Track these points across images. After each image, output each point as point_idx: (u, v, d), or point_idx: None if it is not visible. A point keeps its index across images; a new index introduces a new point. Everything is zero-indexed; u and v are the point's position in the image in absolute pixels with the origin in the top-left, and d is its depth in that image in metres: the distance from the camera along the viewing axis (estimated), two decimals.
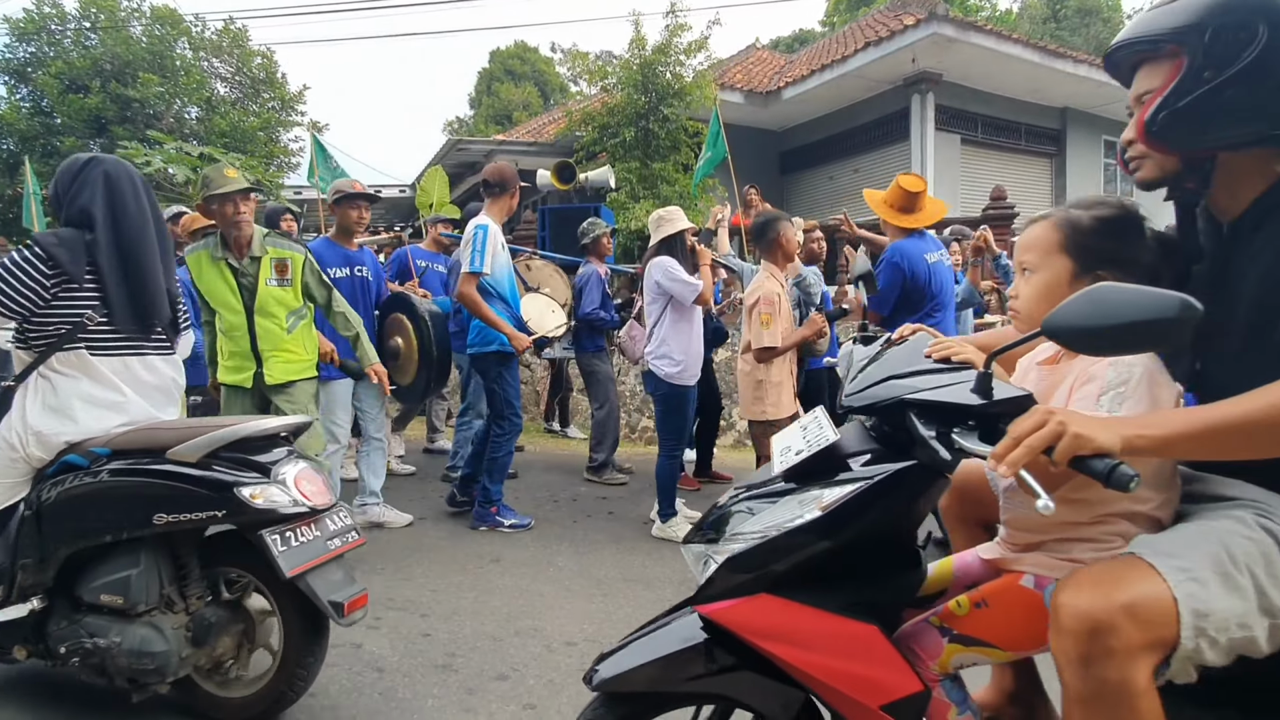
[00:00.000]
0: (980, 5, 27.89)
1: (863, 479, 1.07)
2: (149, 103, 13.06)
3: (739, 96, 11.70)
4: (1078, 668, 0.93)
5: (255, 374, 2.94)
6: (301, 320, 3.03)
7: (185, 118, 14.18)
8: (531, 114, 21.46)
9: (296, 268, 2.98)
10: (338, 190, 3.79)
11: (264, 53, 14.98)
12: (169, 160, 11.75)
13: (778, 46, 26.35)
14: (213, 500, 1.75)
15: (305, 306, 3.06)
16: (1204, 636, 0.91)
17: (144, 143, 12.01)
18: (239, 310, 2.91)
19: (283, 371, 2.96)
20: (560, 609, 2.76)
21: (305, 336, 3.07)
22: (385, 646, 2.44)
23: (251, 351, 2.93)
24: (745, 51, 15.57)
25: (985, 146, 11.88)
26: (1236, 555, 0.95)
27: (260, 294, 2.91)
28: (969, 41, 9.69)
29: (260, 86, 15.01)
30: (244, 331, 2.92)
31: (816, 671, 1.04)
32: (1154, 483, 1.07)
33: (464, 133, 31.42)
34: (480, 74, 33.29)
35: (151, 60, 13.31)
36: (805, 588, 1.07)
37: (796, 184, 13.82)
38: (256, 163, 13.57)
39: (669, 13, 8.60)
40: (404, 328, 3.71)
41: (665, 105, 8.39)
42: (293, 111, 15.38)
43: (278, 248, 2.95)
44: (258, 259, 2.90)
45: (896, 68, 10.47)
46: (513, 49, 32.13)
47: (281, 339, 2.95)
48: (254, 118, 14.40)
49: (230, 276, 2.90)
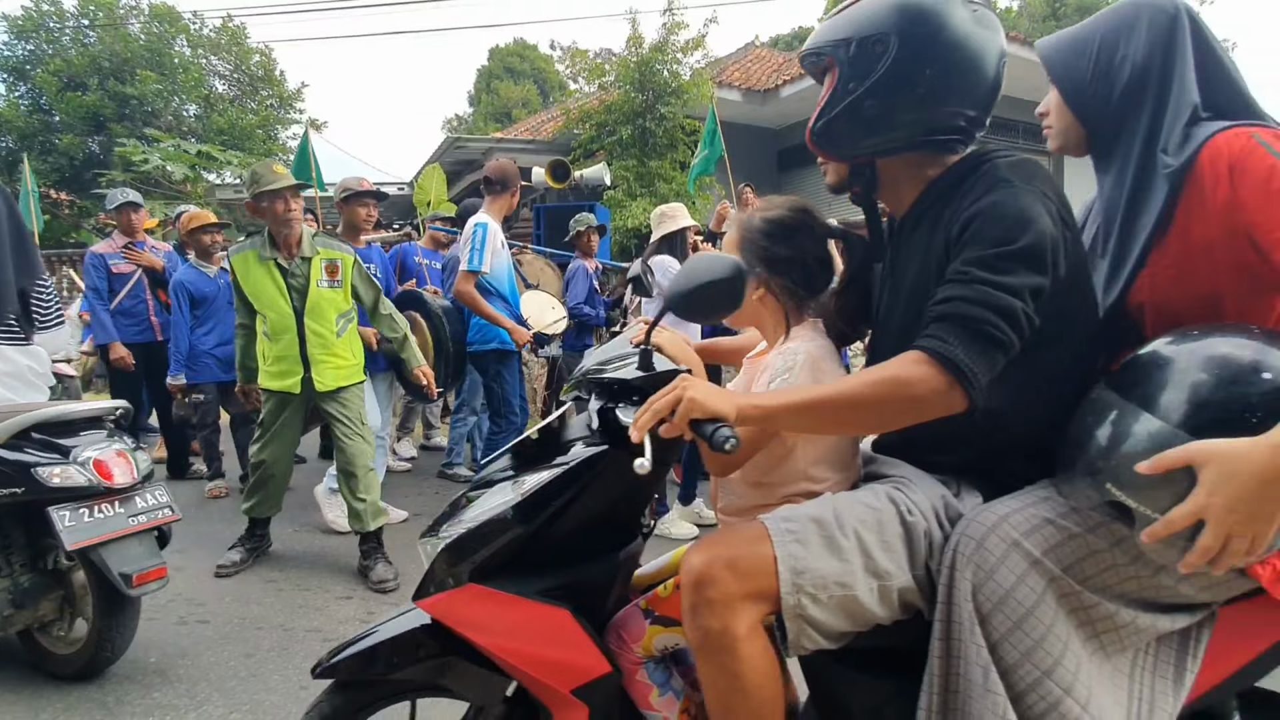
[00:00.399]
0: None
1: (560, 464, 1.09)
2: (147, 100, 13.07)
3: (737, 95, 11.69)
4: (689, 618, 1.01)
5: (303, 379, 2.85)
6: (349, 323, 2.97)
7: (184, 115, 14.20)
8: (531, 111, 21.46)
9: (347, 268, 2.92)
10: (346, 188, 3.73)
11: (262, 50, 15.01)
12: (167, 158, 11.78)
13: (777, 44, 26.32)
14: (13, 478, 1.99)
15: (352, 308, 3.00)
16: (803, 592, 0.98)
17: (141, 140, 12.03)
18: (288, 312, 2.82)
19: (333, 377, 2.88)
20: None
21: (353, 340, 3.01)
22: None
23: (300, 356, 2.83)
24: (744, 50, 15.56)
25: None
26: (845, 520, 1.03)
27: (311, 295, 2.83)
28: None
29: (259, 84, 15.02)
30: (293, 335, 2.82)
31: (513, 658, 1.06)
32: (830, 462, 1.17)
33: (463, 130, 31.40)
34: (480, 72, 33.29)
35: (150, 58, 13.32)
36: (509, 574, 1.09)
37: (794, 181, 13.82)
38: (255, 160, 13.62)
39: (666, 11, 8.61)
40: (418, 326, 3.65)
41: (662, 103, 8.40)
42: (291, 109, 15.40)
43: (328, 248, 2.90)
44: (308, 259, 2.83)
45: None
46: (512, 47, 32.14)
47: (331, 343, 2.88)
48: (252, 115, 14.42)
49: (279, 277, 2.82)
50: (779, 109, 12.34)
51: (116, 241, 4.43)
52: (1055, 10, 26.79)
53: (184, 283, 4.09)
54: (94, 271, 4.32)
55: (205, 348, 4.14)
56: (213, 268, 4.22)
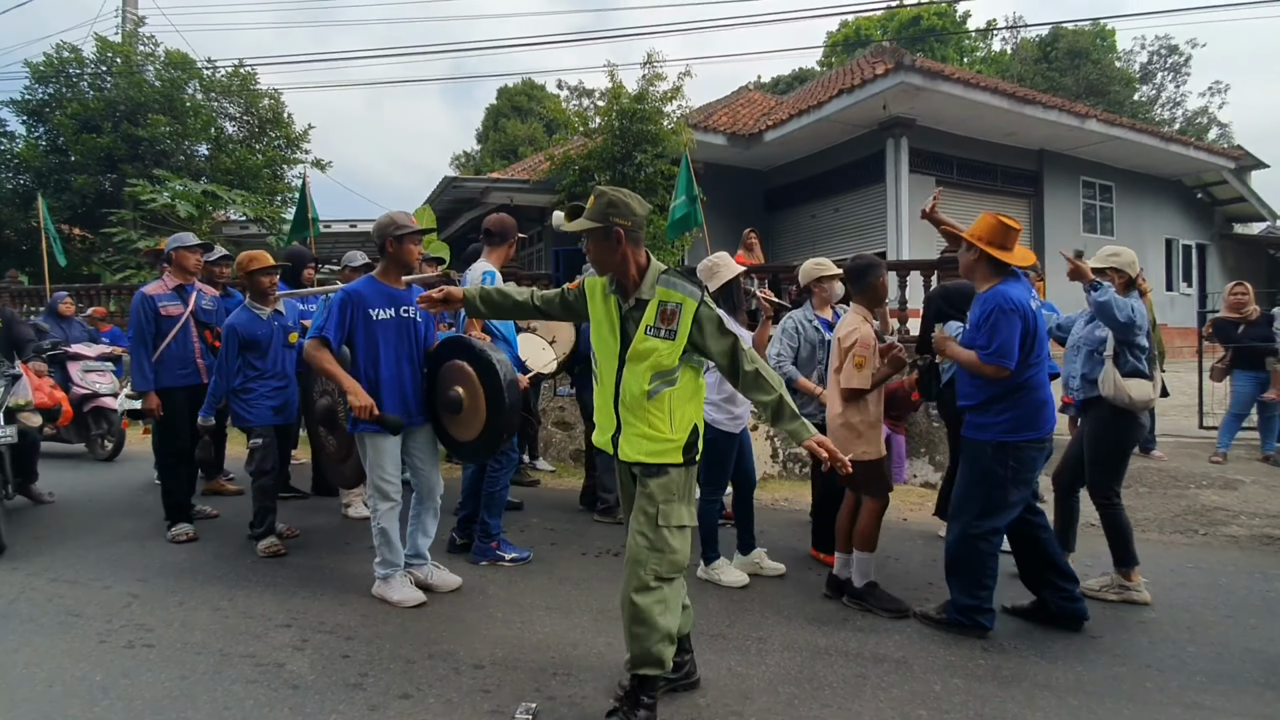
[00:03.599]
0: (975, 46, 28.70)
1: None
2: (158, 141, 13.64)
3: (721, 139, 12.14)
4: None
5: (614, 438, 2.33)
6: (670, 387, 2.25)
7: (193, 155, 14.77)
8: (537, 149, 22.10)
9: (687, 315, 2.23)
10: (400, 225, 3.27)
11: (272, 94, 15.64)
12: (175, 196, 12.28)
13: (777, 86, 27.16)
14: None
15: (683, 368, 2.27)
16: None
17: (151, 180, 12.55)
18: (614, 354, 2.31)
19: (633, 449, 2.28)
20: (478, 634, 2.96)
21: (679, 408, 2.28)
22: (305, 666, 2.65)
23: (614, 409, 2.32)
24: (737, 93, 16.09)
25: (961, 188, 12.22)
26: None
27: (635, 343, 2.25)
28: (937, 89, 10.09)
29: (267, 126, 15.63)
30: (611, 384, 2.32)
31: None
32: None
33: (470, 167, 32.23)
34: (488, 110, 34.30)
35: (163, 102, 13.94)
36: None
37: (781, 222, 14.20)
38: (260, 198, 14.11)
39: (645, 63, 9.06)
40: (466, 377, 3.25)
41: (639, 151, 8.78)
42: (298, 149, 15.98)
43: (668, 289, 2.26)
44: (645, 301, 2.26)
45: (870, 113, 10.88)
46: (520, 87, 33.10)
47: (641, 405, 2.25)
48: (259, 156, 14.99)
49: (615, 313, 2.31)
50: (764, 152, 12.77)
51: (168, 283, 4.35)
52: (1047, 54, 27.50)
53: (235, 326, 3.96)
54: (142, 314, 4.18)
55: (261, 391, 4.01)
56: (266, 310, 4.08)
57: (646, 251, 2.33)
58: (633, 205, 2.26)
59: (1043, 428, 2.93)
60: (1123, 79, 27.48)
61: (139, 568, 3.74)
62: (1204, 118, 29.25)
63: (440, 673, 2.61)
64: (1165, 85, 29.68)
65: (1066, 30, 26.60)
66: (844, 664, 2.73)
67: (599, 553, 4.11)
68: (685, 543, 2.28)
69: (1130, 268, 3.55)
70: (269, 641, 2.85)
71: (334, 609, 3.20)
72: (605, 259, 2.27)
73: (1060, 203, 13.34)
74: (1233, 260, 16.89)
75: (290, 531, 4.25)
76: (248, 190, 13.91)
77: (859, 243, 11.90)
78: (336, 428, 3.88)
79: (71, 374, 6.42)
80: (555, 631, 2.98)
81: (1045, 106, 11.39)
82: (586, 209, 2.30)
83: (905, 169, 11.12)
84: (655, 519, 2.23)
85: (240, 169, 14.25)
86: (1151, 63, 29.50)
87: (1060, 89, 23.13)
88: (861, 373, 3.22)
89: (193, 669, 2.61)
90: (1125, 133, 12.54)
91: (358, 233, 15.31)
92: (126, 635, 2.90)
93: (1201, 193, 16.32)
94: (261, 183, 14.67)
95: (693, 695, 2.47)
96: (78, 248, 14.64)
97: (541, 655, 2.76)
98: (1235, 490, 5.48)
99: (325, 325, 3.15)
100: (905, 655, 2.80)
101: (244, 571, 3.68)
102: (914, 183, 11.27)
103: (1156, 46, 29.20)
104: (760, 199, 14.24)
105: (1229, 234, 17.32)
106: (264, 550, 3.91)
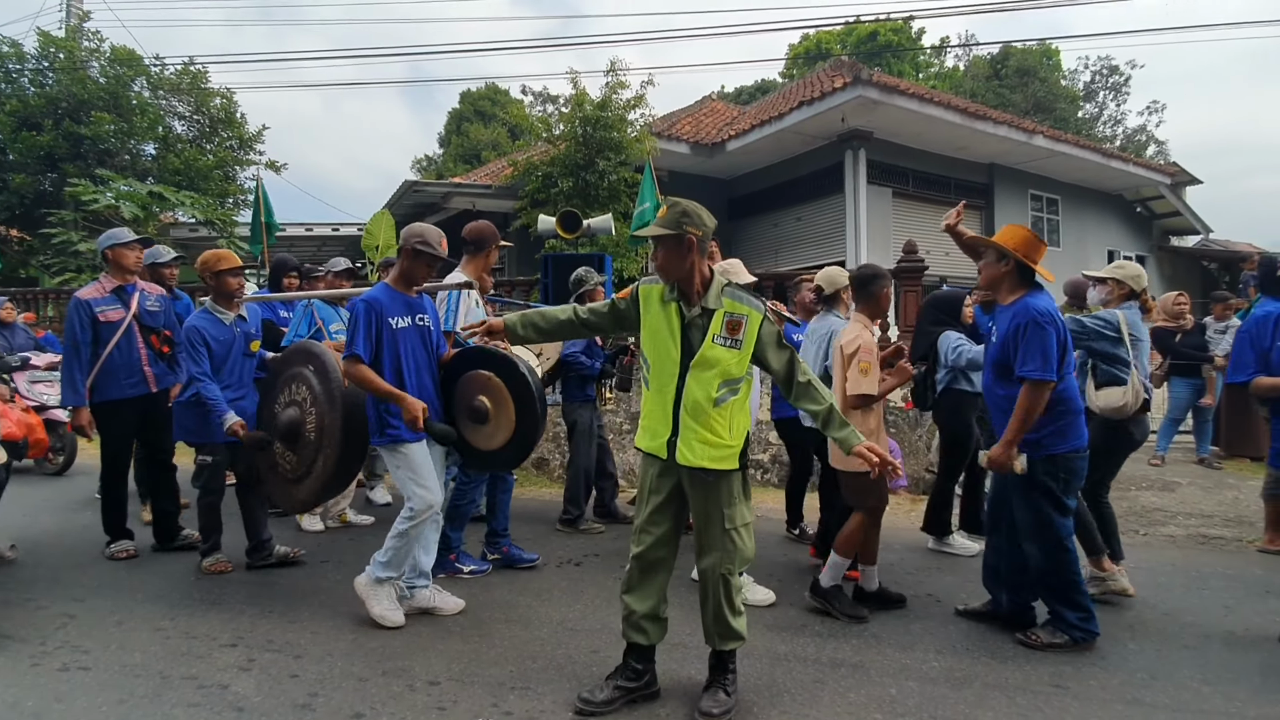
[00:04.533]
0: (930, 62, 29.60)
1: None
2: (102, 140, 13.12)
3: (685, 147, 12.25)
4: None
5: (669, 442, 2.37)
6: (734, 396, 2.37)
7: (139, 155, 14.24)
8: (500, 154, 21.92)
9: (753, 327, 2.36)
10: (426, 242, 3.20)
11: (224, 93, 15.18)
12: (119, 197, 11.81)
13: (740, 96, 27.52)
14: None
15: (745, 378, 2.40)
16: None
17: (93, 180, 12.05)
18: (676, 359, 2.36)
19: (695, 454, 2.33)
20: (433, 649, 2.90)
21: (736, 416, 2.39)
22: (251, 687, 2.55)
23: (672, 415, 2.36)
24: (700, 102, 16.25)
25: (916, 199, 12.57)
26: None
27: (703, 350, 2.33)
28: (893, 104, 10.37)
29: (219, 126, 15.17)
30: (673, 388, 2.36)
31: None
32: None
33: (432, 171, 31.77)
34: (450, 114, 33.89)
35: (108, 99, 13.41)
36: None
37: (744, 230, 14.37)
38: (210, 200, 13.68)
39: (609, 71, 9.09)
40: (493, 387, 3.18)
41: (601, 158, 8.79)
42: (251, 150, 15.53)
43: (735, 301, 2.37)
44: (710, 311, 2.35)
45: (829, 125, 11.12)
46: (484, 91, 32.77)
47: (706, 412, 2.33)
48: (210, 156, 14.52)
49: (677, 320, 2.37)
50: (726, 161, 12.93)
51: (105, 285, 3.96)
52: (997, 71, 28.53)
53: (199, 329, 3.63)
54: (76, 320, 3.82)
55: None
56: (230, 314, 3.77)
57: (709, 263, 2.41)
58: (704, 216, 2.34)
59: (1081, 436, 2.98)
60: (1068, 97, 28.67)
61: (75, 586, 3.56)
62: (1143, 135, 30.71)
63: (394, 690, 2.55)
64: (1107, 104, 31.09)
65: (1016, 49, 27.63)
66: (802, 669, 2.75)
67: (559, 563, 4.07)
68: (750, 537, 2.46)
69: (1134, 281, 3.61)
70: (213, 662, 2.74)
71: (283, 626, 3.10)
72: (675, 266, 2.32)
73: (1010, 214, 13.80)
74: (1169, 271, 17.70)
75: (295, 554, 3.94)
76: (197, 192, 13.46)
77: (820, 251, 12.12)
78: (299, 443, 3.47)
79: (18, 385, 6.09)
80: (514, 645, 2.94)
81: (995, 122, 11.80)
82: (658, 218, 2.37)
83: (863, 180, 11.38)
84: (723, 522, 2.38)
85: (189, 170, 13.78)
86: (1094, 82, 30.86)
87: (1010, 105, 24.01)
88: (868, 378, 3.22)
89: (131, 692, 2.49)
90: (1070, 148, 13.06)
91: (314, 236, 14.96)
92: (61, 658, 2.75)
93: (1141, 207, 17.08)
94: (212, 184, 14.20)
95: (653, 705, 2.46)
96: (15, 250, 13.97)
97: (499, 669, 2.72)
98: (1173, 492, 5.73)
99: (352, 341, 2.99)
100: (862, 660, 2.85)
101: (188, 589, 3.53)
102: (872, 193, 11.54)
103: (1099, 66, 30.58)
104: (723, 207, 14.39)
105: (1166, 246, 18.15)
106: (209, 568, 3.74)
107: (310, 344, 3.64)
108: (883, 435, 3.40)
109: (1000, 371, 3.00)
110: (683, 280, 2.34)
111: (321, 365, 3.42)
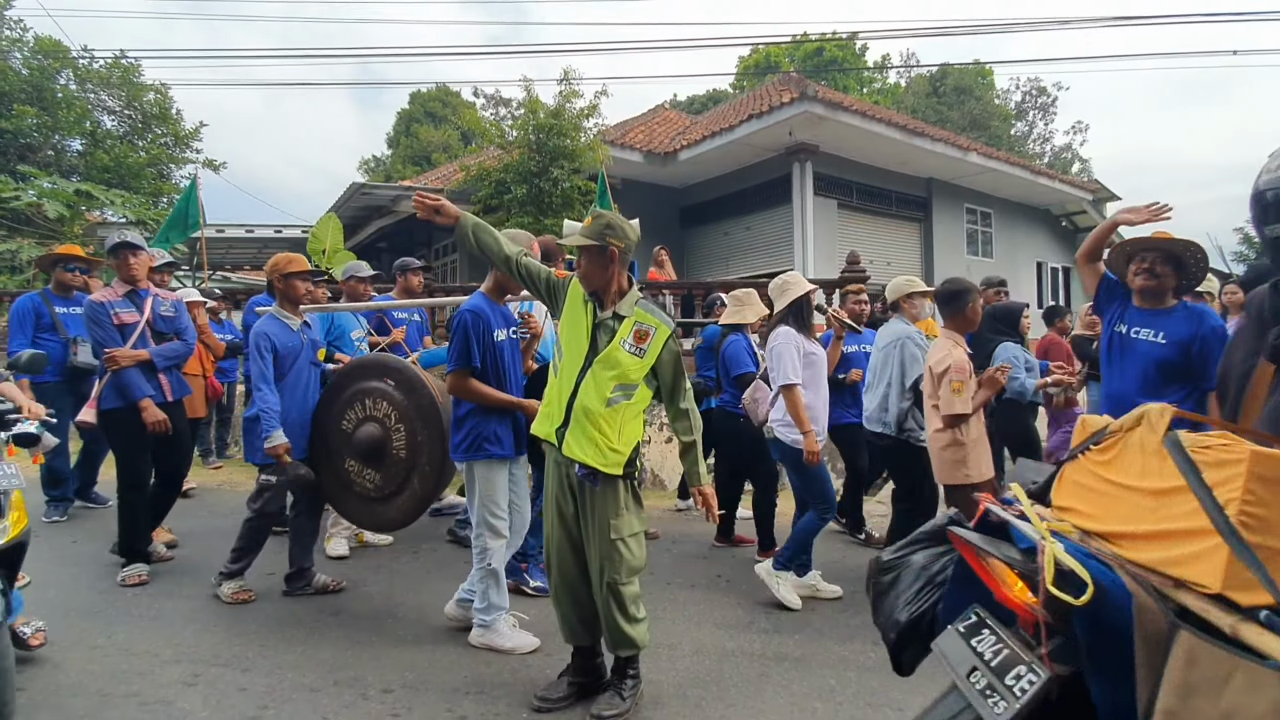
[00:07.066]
0: (873, 78, 30.68)
1: None
2: (24, 134, 12.42)
3: (638, 156, 12.38)
4: None
5: (558, 431, 2.45)
6: (626, 400, 2.44)
7: (64, 150, 13.53)
8: (452, 156, 21.62)
9: (659, 340, 2.47)
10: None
11: (157, 88, 14.56)
12: (43, 195, 11.20)
13: (692, 105, 27.91)
14: None
15: (641, 386, 2.48)
16: None
17: (14, 176, 11.39)
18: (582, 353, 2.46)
19: (580, 450, 2.40)
20: (387, 658, 2.90)
21: (627, 423, 2.46)
22: (197, 702, 2.51)
23: (566, 405, 2.44)
24: (653, 111, 16.44)
25: (860, 211, 13.02)
26: None
27: (607, 351, 2.43)
28: (838, 119, 10.74)
29: (152, 122, 14.53)
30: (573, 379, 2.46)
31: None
32: None
33: (380, 173, 31.09)
34: (399, 114, 33.24)
35: (31, 91, 12.71)
36: None
37: (696, 238, 14.60)
38: (143, 199, 13.10)
39: (562, 80, 9.15)
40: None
41: (555, 166, 8.84)
42: (187, 148, 14.94)
43: (646, 312, 2.50)
44: (621, 317, 2.47)
45: (778, 138, 11.43)
46: (434, 92, 32.28)
47: (596, 409, 2.41)
48: (142, 154, 13.91)
49: (589, 319, 2.47)
50: (678, 170, 13.12)
51: (117, 289, 3.83)
52: (936, 89, 29.82)
53: (268, 334, 3.38)
54: (102, 323, 3.69)
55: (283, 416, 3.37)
56: (296, 320, 3.56)
57: (629, 275, 2.55)
58: (627, 229, 2.48)
59: None
60: (1001, 115, 30.17)
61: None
62: (1068, 153, 32.57)
63: (346, 700, 2.55)
64: (1036, 123, 32.84)
65: (954, 69, 28.92)
66: (748, 664, 2.87)
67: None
68: (640, 547, 2.52)
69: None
70: (154, 679, 2.67)
71: (228, 641, 3.04)
72: (596, 274, 2.45)
73: (946, 227, 14.45)
74: None
75: (335, 584, 3.64)
76: (128, 190, 12.87)
77: (769, 260, 12.42)
78: (384, 461, 3.33)
79: None
80: (468, 650, 2.96)
81: (933, 139, 12.34)
82: (583, 227, 2.48)
83: (810, 191, 11.74)
84: (609, 533, 2.44)
85: (120, 167, 13.17)
86: (1024, 101, 32.56)
87: (948, 122, 25.11)
88: (961, 397, 3.23)
89: (68, 713, 2.42)
90: (1001, 165, 13.77)
91: (255, 238, 14.46)
92: None
93: (1066, 221, 18.10)
94: (144, 183, 13.61)
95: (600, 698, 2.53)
96: None
97: (454, 675, 2.74)
98: None
99: (465, 354, 2.84)
100: (804, 654, 2.98)
101: (125, 605, 3.41)
102: (818, 204, 11.90)
103: (1029, 87, 32.29)
104: (675, 216, 14.59)
105: None
106: (232, 596, 3.45)
107: (384, 356, 3.58)
108: (984, 442, 3.37)
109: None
110: (601, 287, 2.47)
111: (405, 379, 3.34)
